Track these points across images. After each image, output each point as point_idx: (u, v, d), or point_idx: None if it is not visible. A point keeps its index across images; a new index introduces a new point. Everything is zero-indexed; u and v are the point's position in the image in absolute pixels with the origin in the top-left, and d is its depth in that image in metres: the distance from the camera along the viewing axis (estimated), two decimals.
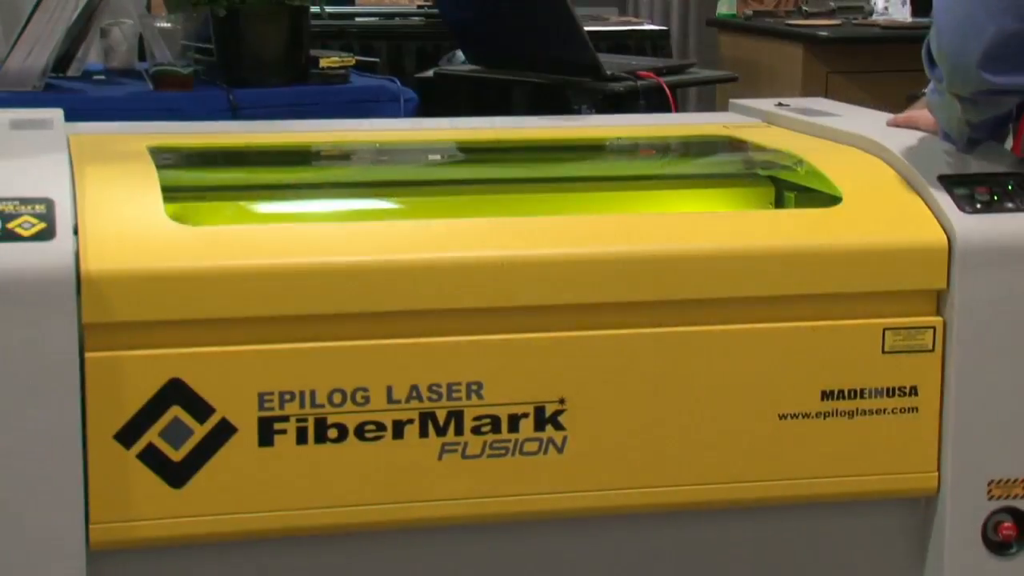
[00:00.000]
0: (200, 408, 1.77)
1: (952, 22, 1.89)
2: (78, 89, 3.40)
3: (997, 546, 2.01)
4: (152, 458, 1.76)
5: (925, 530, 2.03)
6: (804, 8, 5.93)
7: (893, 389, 1.96)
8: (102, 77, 3.58)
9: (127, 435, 1.75)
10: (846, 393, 1.95)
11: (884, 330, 1.95)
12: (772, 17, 5.88)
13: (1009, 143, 2.11)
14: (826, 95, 4.88)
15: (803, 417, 1.94)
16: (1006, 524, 2.00)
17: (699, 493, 1.93)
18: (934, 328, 1.96)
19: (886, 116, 2.34)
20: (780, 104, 2.58)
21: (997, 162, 2.06)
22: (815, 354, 1.93)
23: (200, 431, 1.77)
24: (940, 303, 1.97)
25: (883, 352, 1.95)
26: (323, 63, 3.57)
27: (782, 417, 1.94)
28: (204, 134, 2.49)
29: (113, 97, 3.35)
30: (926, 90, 2.13)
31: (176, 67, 3.42)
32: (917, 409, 1.97)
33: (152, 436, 1.76)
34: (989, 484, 1.99)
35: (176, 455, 1.77)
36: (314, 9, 3.55)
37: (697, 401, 1.91)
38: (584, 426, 1.88)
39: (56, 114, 2.28)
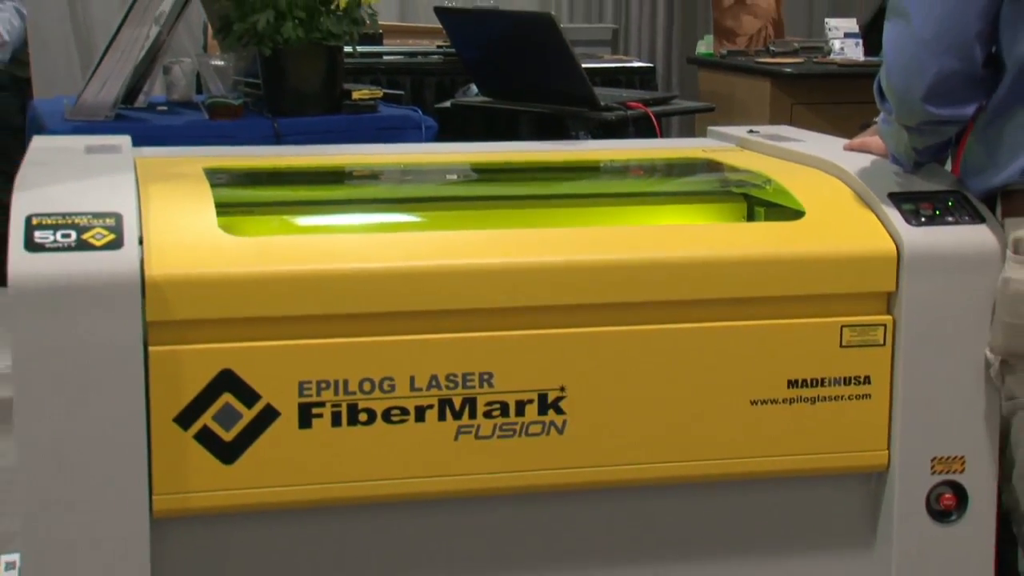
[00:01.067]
0: (248, 395, 1.77)
1: (900, 62, 1.89)
2: (144, 118, 3.39)
3: (939, 515, 2.00)
4: (206, 438, 1.76)
5: (876, 501, 2.02)
6: (772, 48, 5.92)
7: (849, 378, 1.95)
8: (164, 108, 3.57)
9: (185, 418, 1.75)
10: (809, 382, 1.94)
11: (842, 327, 1.94)
12: (744, 56, 5.87)
13: (949, 165, 2.11)
14: (791, 123, 4.84)
15: (771, 403, 1.93)
16: (947, 495, 1.99)
17: (680, 469, 1.93)
18: (885, 326, 1.95)
19: (843, 142, 2.33)
20: (751, 131, 2.57)
21: (939, 182, 2.06)
22: (782, 348, 1.93)
23: (248, 415, 1.77)
24: (890, 304, 1.96)
25: (841, 346, 1.94)
26: (355, 95, 3.56)
27: (753, 403, 1.93)
28: (252, 157, 2.49)
29: (173, 125, 3.34)
30: (877, 119, 2.12)
31: (228, 99, 3.41)
32: (870, 396, 1.96)
33: (206, 419, 1.76)
34: (932, 461, 1.98)
35: (227, 436, 1.77)
36: (347, 49, 3.54)
37: (680, 388, 1.90)
38: (582, 411, 1.87)
39: (124, 140, 2.28)
